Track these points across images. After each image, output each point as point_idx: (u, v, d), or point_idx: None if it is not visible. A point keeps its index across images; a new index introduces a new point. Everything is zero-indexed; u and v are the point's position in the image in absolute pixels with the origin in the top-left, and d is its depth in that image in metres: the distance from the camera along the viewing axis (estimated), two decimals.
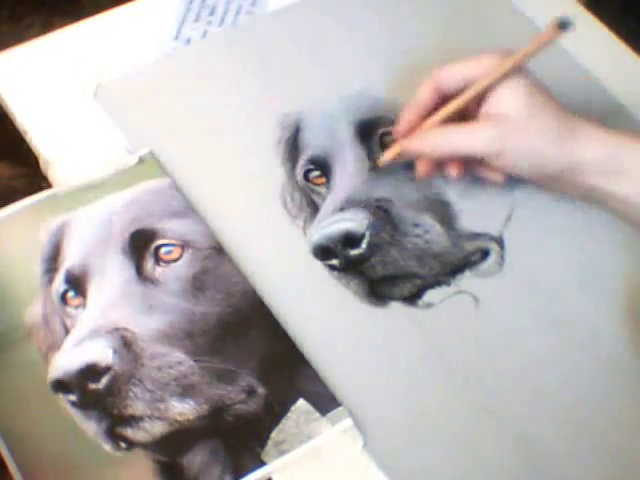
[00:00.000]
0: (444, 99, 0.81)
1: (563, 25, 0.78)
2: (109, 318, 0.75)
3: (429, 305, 0.80)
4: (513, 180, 0.82)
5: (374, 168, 0.85)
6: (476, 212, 0.84)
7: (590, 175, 0.77)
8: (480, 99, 0.79)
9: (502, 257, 0.82)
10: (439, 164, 0.83)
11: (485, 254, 0.82)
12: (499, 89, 0.78)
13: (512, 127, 0.77)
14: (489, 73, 0.78)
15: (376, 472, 0.73)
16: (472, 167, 0.82)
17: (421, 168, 0.83)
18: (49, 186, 0.86)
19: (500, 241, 0.83)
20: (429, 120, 0.81)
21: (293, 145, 0.89)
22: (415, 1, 0.99)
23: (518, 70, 0.78)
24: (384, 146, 0.87)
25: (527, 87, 0.78)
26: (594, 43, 0.95)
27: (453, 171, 0.82)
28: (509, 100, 0.78)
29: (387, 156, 0.83)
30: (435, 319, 0.79)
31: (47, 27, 0.96)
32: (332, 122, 0.90)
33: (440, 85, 0.81)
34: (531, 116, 0.77)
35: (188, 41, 0.96)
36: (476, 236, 0.83)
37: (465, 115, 0.81)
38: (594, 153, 0.76)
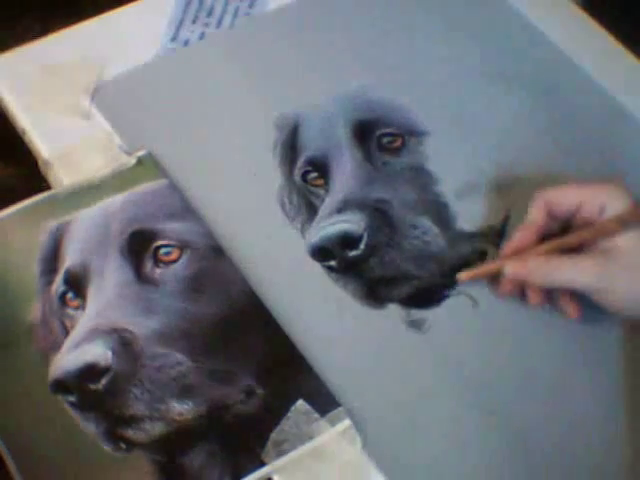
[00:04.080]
0: (554, 219, 0.78)
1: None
2: (108, 319, 0.75)
3: (427, 307, 0.80)
4: (510, 181, 0.82)
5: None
6: (474, 213, 0.84)
7: None
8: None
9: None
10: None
11: (483, 255, 0.83)
12: (615, 212, 0.76)
13: (620, 266, 0.74)
14: (614, 219, 0.75)
15: (375, 472, 0.73)
16: (555, 297, 0.79)
17: (506, 288, 0.79)
18: (49, 187, 0.86)
19: (498, 242, 0.83)
20: (539, 247, 0.77)
21: (291, 146, 0.89)
22: (411, 1, 0.99)
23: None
24: (382, 148, 0.88)
25: None
26: (592, 45, 0.95)
27: (534, 299, 0.79)
28: (621, 238, 0.75)
29: (485, 269, 0.80)
30: (433, 321, 0.80)
31: (47, 28, 0.96)
32: (330, 123, 0.90)
33: (551, 207, 0.78)
34: None
35: (186, 43, 0.97)
36: (474, 237, 0.84)
37: (572, 223, 0.78)
38: None
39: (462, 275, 0.80)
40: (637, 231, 0.75)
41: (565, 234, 0.78)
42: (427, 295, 0.81)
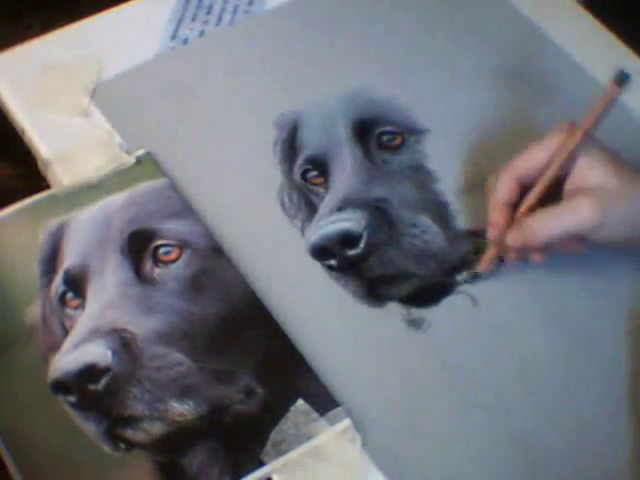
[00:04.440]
0: (524, 188, 0.79)
1: (620, 80, 0.76)
2: (108, 319, 0.76)
3: (427, 306, 0.80)
4: None
5: (475, 275, 0.82)
6: (473, 212, 0.84)
7: None
8: (560, 179, 0.78)
9: (499, 257, 0.82)
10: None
11: (483, 254, 0.82)
12: (579, 165, 0.77)
13: (610, 197, 0.75)
14: (562, 149, 0.77)
15: (375, 472, 0.73)
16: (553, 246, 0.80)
17: (512, 257, 0.81)
18: (48, 186, 0.86)
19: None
20: (519, 213, 0.78)
21: (290, 145, 0.89)
22: (411, 0, 0.99)
23: (588, 139, 0.77)
24: (381, 146, 0.88)
25: (606, 156, 0.77)
26: (593, 43, 0.95)
27: (536, 258, 0.80)
28: (595, 172, 0.76)
29: (485, 263, 0.81)
30: (433, 319, 0.80)
31: (47, 27, 0.96)
32: (329, 122, 0.90)
33: (519, 176, 0.79)
34: (625, 182, 0.76)
35: (185, 41, 0.97)
36: (473, 236, 0.83)
37: (544, 201, 0.79)
38: None
39: (481, 268, 0.81)
40: (603, 161, 0.76)
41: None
42: (427, 294, 0.81)
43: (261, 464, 0.72)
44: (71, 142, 0.88)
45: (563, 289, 0.81)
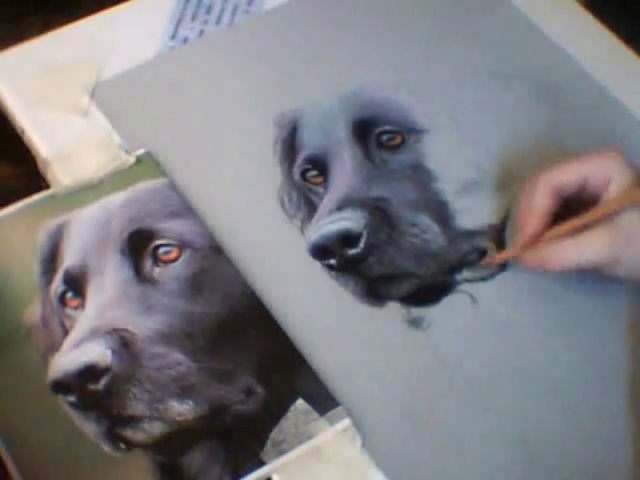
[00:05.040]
0: (561, 199, 0.79)
1: None
2: (108, 319, 0.75)
3: (427, 305, 0.80)
4: (509, 180, 0.82)
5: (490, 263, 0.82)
6: (473, 211, 0.84)
7: None
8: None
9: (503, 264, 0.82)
10: None
11: (482, 253, 0.83)
12: (618, 185, 0.76)
13: (626, 237, 0.75)
14: (621, 197, 0.76)
15: (375, 471, 0.73)
16: None
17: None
18: (48, 186, 0.86)
19: (497, 240, 0.83)
20: (551, 232, 0.78)
21: (290, 144, 0.89)
22: (411, 0, 0.99)
23: (628, 163, 0.77)
24: (381, 145, 0.88)
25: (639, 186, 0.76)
26: (593, 43, 0.95)
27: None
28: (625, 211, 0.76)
29: (500, 257, 0.81)
30: (433, 319, 0.80)
31: (47, 27, 0.96)
32: (329, 121, 0.90)
33: (557, 189, 0.78)
34: None
35: (185, 40, 0.97)
36: (473, 235, 0.83)
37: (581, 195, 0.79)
38: None
39: (491, 259, 0.81)
40: (634, 199, 0.76)
41: (571, 211, 0.78)
42: (427, 293, 0.81)
43: (261, 464, 0.72)
44: (71, 142, 0.88)
45: (563, 289, 0.81)
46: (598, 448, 0.74)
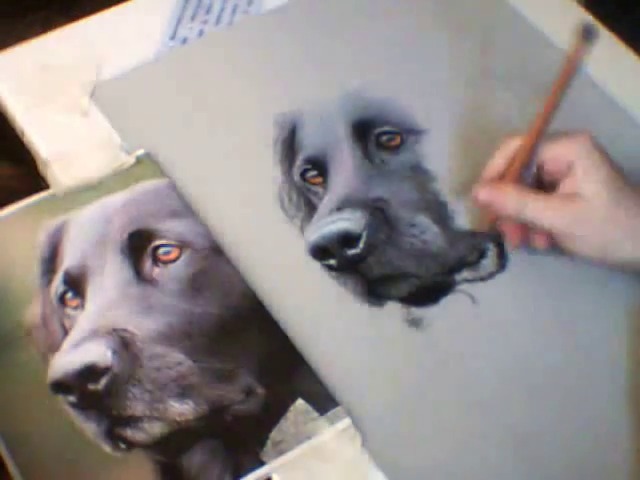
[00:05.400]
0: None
1: (587, 34, 0.75)
2: (108, 319, 0.76)
3: (426, 305, 0.80)
4: None
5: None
6: (472, 212, 0.84)
7: None
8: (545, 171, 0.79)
9: (499, 256, 0.82)
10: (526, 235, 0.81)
11: (482, 254, 0.83)
12: (582, 168, 0.76)
13: (587, 215, 0.76)
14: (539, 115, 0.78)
15: (375, 471, 0.73)
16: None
17: (514, 239, 0.82)
18: (48, 186, 0.86)
19: (497, 241, 0.83)
20: (507, 176, 0.79)
21: (290, 145, 0.89)
22: (411, 0, 0.99)
23: (594, 144, 0.77)
24: (380, 146, 0.88)
25: (609, 175, 0.76)
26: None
27: (540, 242, 0.80)
28: (591, 185, 0.76)
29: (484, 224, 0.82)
30: (432, 319, 0.80)
31: (47, 26, 0.96)
32: (329, 122, 0.90)
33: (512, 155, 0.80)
34: (612, 206, 0.75)
35: (184, 40, 0.97)
36: (472, 236, 0.84)
37: (541, 177, 0.80)
38: None
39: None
40: (603, 178, 0.76)
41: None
42: (426, 293, 0.81)
43: (261, 463, 0.72)
44: (71, 142, 0.88)
45: (563, 288, 0.81)
46: (598, 447, 0.74)
